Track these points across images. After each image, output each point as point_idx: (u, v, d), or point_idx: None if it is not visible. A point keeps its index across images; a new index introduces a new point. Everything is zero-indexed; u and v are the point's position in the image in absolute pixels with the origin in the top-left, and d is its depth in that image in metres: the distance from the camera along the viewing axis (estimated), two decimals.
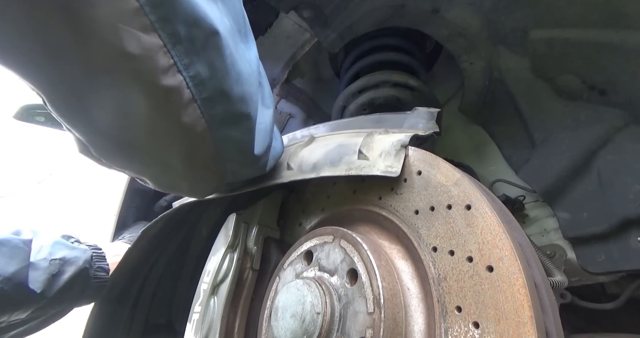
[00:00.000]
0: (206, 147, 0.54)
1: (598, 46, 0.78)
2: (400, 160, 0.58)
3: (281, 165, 0.74)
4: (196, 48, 0.45)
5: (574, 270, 0.85)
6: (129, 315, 0.98)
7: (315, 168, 0.67)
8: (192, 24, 0.43)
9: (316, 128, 0.84)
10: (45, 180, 2.19)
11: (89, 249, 0.89)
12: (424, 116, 0.67)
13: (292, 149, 0.75)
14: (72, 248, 0.85)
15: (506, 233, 0.45)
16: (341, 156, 0.65)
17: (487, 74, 0.99)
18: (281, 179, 0.71)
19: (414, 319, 0.51)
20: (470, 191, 0.50)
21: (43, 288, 0.76)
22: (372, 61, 1.09)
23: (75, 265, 0.82)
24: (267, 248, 0.81)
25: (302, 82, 1.37)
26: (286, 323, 0.55)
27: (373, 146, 0.63)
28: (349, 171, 0.61)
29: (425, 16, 0.91)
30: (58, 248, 0.82)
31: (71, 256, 0.83)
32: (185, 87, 0.46)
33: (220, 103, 0.51)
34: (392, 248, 0.59)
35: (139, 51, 0.40)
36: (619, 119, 0.81)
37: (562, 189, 0.88)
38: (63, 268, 0.80)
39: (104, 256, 0.92)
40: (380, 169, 0.59)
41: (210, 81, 0.48)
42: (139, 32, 0.39)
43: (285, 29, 1.01)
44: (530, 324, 0.40)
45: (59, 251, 0.82)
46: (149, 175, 0.62)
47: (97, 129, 0.48)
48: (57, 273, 0.79)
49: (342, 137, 0.72)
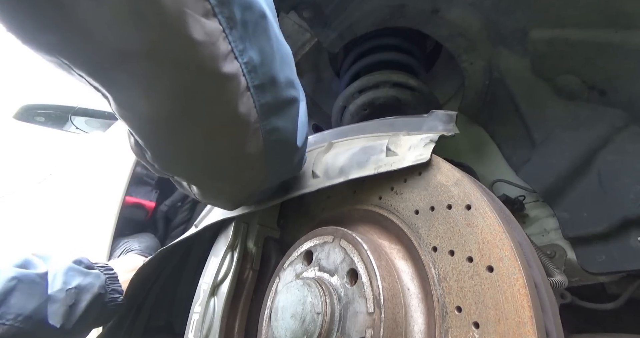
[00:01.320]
0: (256, 140, 0.52)
1: (598, 46, 0.78)
2: (429, 149, 0.58)
3: (305, 174, 0.73)
4: (248, 33, 0.44)
5: (574, 270, 0.85)
6: (132, 319, 0.99)
7: (343, 171, 0.66)
8: (247, 7, 0.42)
9: (329, 133, 0.83)
10: (45, 180, 2.19)
11: (101, 273, 0.87)
12: (442, 119, 0.67)
13: (314, 155, 0.74)
14: (86, 273, 0.83)
15: (506, 233, 0.45)
16: (368, 156, 0.64)
17: (487, 74, 0.99)
18: (309, 187, 0.70)
19: (414, 319, 0.51)
20: (470, 191, 0.50)
21: (62, 321, 0.74)
22: (372, 61, 1.09)
23: (91, 291, 0.80)
24: (267, 248, 0.81)
25: (302, 82, 1.37)
26: (286, 323, 0.55)
27: (401, 143, 0.63)
28: (378, 169, 0.61)
29: (425, 16, 0.91)
30: (72, 275, 0.80)
31: (86, 283, 0.81)
32: (241, 74, 0.45)
33: (270, 90, 0.49)
34: (392, 248, 0.59)
35: (203, 37, 0.39)
36: (619, 119, 0.81)
37: (562, 189, 0.88)
38: (79, 297, 0.78)
39: (116, 278, 0.90)
40: (411, 160, 0.58)
41: (261, 68, 0.47)
42: (202, 17, 0.38)
43: (285, 29, 1.01)
44: (530, 324, 0.40)
45: (74, 279, 0.79)
46: (198, 181, 0.60)
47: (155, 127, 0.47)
48: (74, 303, 0.77)
49: (364, 140, 0.72)
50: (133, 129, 0.49)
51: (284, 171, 0.66)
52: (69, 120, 2.06)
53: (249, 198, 0.69)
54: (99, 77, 0.41)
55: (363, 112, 1.07)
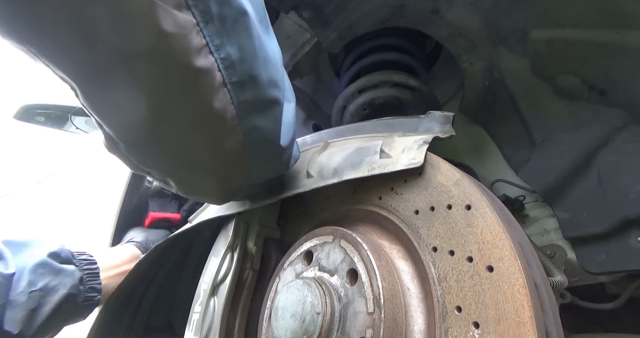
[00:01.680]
0: (235, 137, 0.52)
1: (598, 46, 0.78)
2: (422, 152, 0.58)
3: (300, 173, 0.73)
4: (227, 28, 0.43)
5: (574, 270, 0.85)
6: (131, 318, 0.98)
7: (337, 172, 0.66)
8: (224, 2, 0.42)
9: (327, 132, 0.83)
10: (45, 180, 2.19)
11: (77, 270, 0.81)
12: (439, 120, 0.67)
13: (309, 155, 0.74)
14: (58, 271, 0.77)
15: (506, 233, 0.45)
16: (362, 157, 0.64)
17: (487, 74, 0.99)
18: (303, 187, 0.70)
19: (414, 319, 0.51)
20: (470, 191, 0.50)
21: (22, 327, 0.69)
22: (372, 61, 1.09)
23: (59, 293, 0.75)
24: (267, 248, 0.81)
25: (302, 82, 1.37)
26: (286, 323, 0.55)
27: (395, 145, 0.63)
28: (371, 171, 0.61)
29: (425, 16, 0.91)
30: (40, 274, 0.74)
31: (55, 283, 0.75)
32: (216, 69, 0.44)
33: (250, 88, 0.49)
34: (392, 248, 0.59)
35: (174, 29, 0.39)
36: (619, 119, 0.81)
37: (562, 189, 0.88)
38: (44, 300, 0.73)
39: (97, 274, 0.85)
40: (404, 164, 0.58)
41: (240, 64, 0.46)
42: (173, 9, 0.38)
43: (285, 29, 1.01)
44: (530, 324, 0.40)
45: (41, 279, 0.73)
46: (176, 175, 0.59)
47: (128, 120, 0.47)
48: (37, 307, 0.71)
49: (359, 141, 0.72)
50: (104, 121, 0.48)
51: (270, 170, 0.66)
52: (69, 120, 2.06)
53: (235, 193, 0.68)
54: (64, 67, 0.41)
55: (363, 112, 1.07)
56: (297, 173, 0.74)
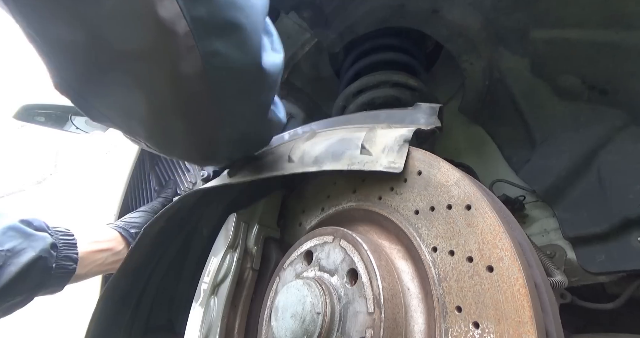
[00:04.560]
0: (193, 61, 0.47)
1: (598, 46, 0.78)
2: (402, 156, 0.58)
3: (281, 158, 0.73)
4: None
5: (574, 270, 0.85)
6: (131, 316, 0.98)
7: (317, 161, 0.66)
8: None
9: (317, 123, 0.83)
10: (45, 180, 2.19)
11: (50, 236, 0.81)
12: (425, 111, 0.67)
13: (293, 143, 0.75)
14: (27, 236, 0.77)
15: (506, 233, 0.45)
16: (343, 150, 0.64)
17: (487, 74, 0.99)
18: (282, 171, 0.70)
19: (414, 319, 0.51)
20: (470, 191, 0.50)
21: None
22: (372, 61, 1.09)
23: (27, 255, 0.75)
24: (267, 248, 0.81)
25: (302, 82, 1.37)
26: (286, 323, 0.55)
27: (376, 141, 0.63)
28: (351, 166, 0.61)
29: (425, 16, 0.91)
30: (9, 236, 0.75)
31: (23, 246, 0.75)
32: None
33: (203, 4, 0.45)
34: (392, 248, 0.59)
35: None
36: (619, 119, 0.81)
37: (562, 189, 0.88)
38: (10, 260, 0.73)
39: (73, 244, 0.85)
40: (383, 165, 0.58)
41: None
42: None
43: (286, 29, 1.01)
44: (530, 324, 0.40)
45: (9, 241, 0.74)
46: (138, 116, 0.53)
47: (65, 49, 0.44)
48: (1, 266, 0.72)
49: (344, 132, 0.72)
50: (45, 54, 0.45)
51: (243, 115, 0.60)
52: (69, 120, 2.06)
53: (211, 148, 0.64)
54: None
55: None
56: (278, 157, 0.74)
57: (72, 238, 0.86)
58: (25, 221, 0.80)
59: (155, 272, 1.00)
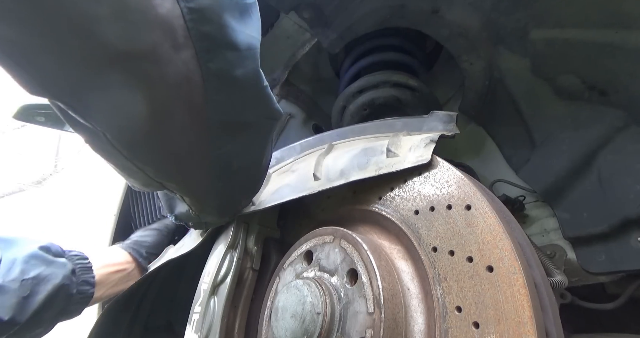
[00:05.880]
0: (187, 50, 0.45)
1: (598, 46, 0.78)
2: (429, 150, 0.58)
3: (306, 176, 0.73)
4: None
5: (574, 270, 0.85)
6: (131, 318, 0.98)
7: (344, 174, 0.66)
8: None
9: (329, 134, 0.83)
10: (45, 181, 2.20)
11: (69, 262, 0.82)
12: (442, 119, 0.67)
13: (314, 158, 0.74)
14: (50, 262, 0.78)
15: (506, 233, 0.45)
16: (368, 158, 0.64)
17: (487, 74, 0.99)
18: (310, 190, 0.70)
19: (414, 319, 0.51)
20: (470, 191, 0.50)
21: (13, 313, 0.69)
22: (372, 61, 1.09)
23: (52, 283, 0.75)
24: (267, 248, 0.81)
25: (302, 82, 1.37)
26: (286, 323, 0.55)
27: (401, 144, 0.63)
28: (379, 171, 0.61)
29: (425, 16, 0.91)
30: (32, 264, 0.75)
31: (47, 273, 0.75)
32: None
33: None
34: (392, 248, 0.59)
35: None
36: (619, 119, 0.81)
37: (562, 189, 0.88)
38: (36, 288, 0.73)
39: (89, 268, 0.85)
40: (411, 161, 0.58)
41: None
42: None
43: (286, 29, 1.01)
44: (530, 324, 0.40)
45: (33, 269, 0.74)
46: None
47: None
48: (28, 295, 0.71)
49: (364, 142, 0.72)
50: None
51: (234, 104, 0.55)
52: None
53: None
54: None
55: (363, 113, 1.08)
56: (304, 176, 0.74)
57: (88, 261, 0.86)
58: (44, 248, 0.80)
59: (158, 277, 1.00)
